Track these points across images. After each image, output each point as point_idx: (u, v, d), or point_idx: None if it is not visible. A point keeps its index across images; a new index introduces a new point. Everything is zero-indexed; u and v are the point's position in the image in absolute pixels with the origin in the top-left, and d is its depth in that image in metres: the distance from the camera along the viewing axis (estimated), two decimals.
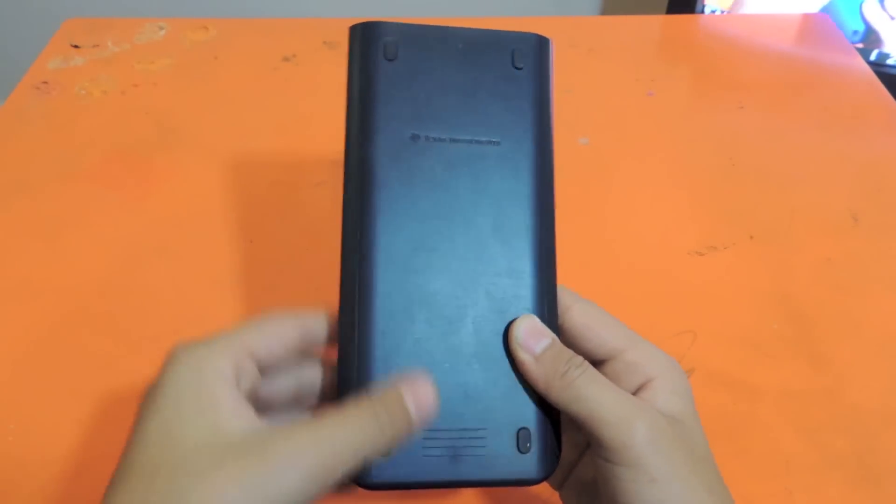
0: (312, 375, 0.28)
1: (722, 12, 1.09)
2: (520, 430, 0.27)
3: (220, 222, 0.50)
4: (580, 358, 0.26)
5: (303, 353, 0.28)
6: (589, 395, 0.25)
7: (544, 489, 0.31)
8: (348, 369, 0.26)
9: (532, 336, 0.26)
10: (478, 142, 0.28)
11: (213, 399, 0.23)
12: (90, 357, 0.42)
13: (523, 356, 0.26)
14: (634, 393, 0.26)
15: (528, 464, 0.27)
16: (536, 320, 0.27)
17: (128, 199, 0.52)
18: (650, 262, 0.48)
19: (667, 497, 0.24)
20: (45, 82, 0.61)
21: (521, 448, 0.26)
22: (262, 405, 0.26)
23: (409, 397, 0.24)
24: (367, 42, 0.28)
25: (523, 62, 0.29)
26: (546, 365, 0.26)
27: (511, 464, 0.26)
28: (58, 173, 0.53)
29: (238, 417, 0.23)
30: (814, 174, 0.55)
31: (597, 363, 0.28)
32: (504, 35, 0.29)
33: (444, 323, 0.27)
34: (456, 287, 0.27)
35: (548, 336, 0.27)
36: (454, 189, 0.28)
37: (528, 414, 0.27)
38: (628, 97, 0.62)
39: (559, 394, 0.26)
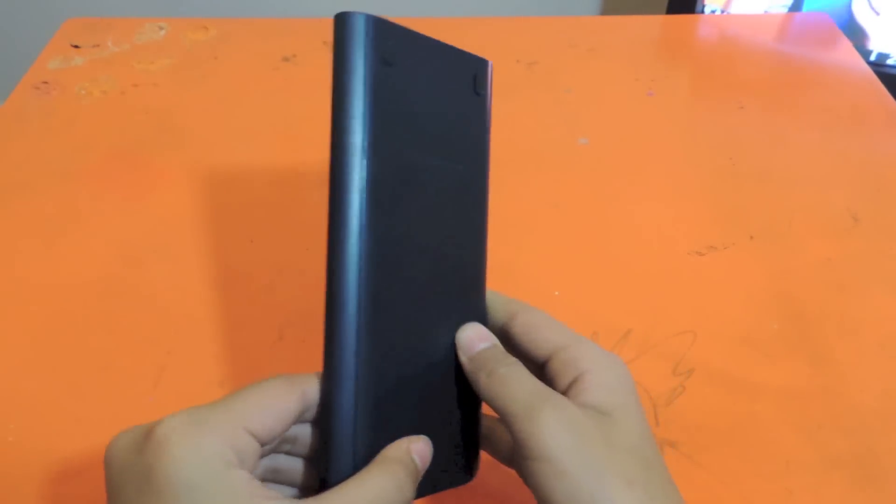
0: (302, 431, 0.27)
1: (722, 12, 1.10)
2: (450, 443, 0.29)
3: (220, 222, 0.50)
4: (514, 359, 0.27)
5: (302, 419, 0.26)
6: (504, 391, 0.26)
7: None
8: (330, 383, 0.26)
9: (476, 339, 0.28)
10: (450, 165, 0.28)
11: (232, 491, 0.22)
12: (90, 357, 0.42)
13: (461, 356, 0.28)
14: (567, 387, 0.27)
15: (459, 470, 0.29)
16: (480, 327, 0.29)
17: (128, 199, 0.52)
18: (650, 262, 0.48)
19: (577, 489, 0.24)
20: (45, 82, 0.61)
21: (457, 460, 0.29)
22: None
23: (414, 451, 0.25)
24: (369, 40, 0.25)
25: (481, 89, 0.30)
26: (477, 363, 0.27)
27: (446, 474, 0.28)
28: (58, 173, 0.53)
29: (265, 500, 0.22)
30: (814, 174, 0.55)
31: (541, 363, 0.29)
32: (466, 57, 0.29)
33: (408, 355, 0.27)
34: (423, 316, 0.28)
35: (489, 340, 0.28)
36: (434, 217, 0.28)
37: (455, 426, 0.29)
38: (628, 97, 0.62)
39: (482, 390, 0.27)
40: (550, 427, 0.24)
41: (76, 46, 0.65)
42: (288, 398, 0.25)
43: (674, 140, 0.58)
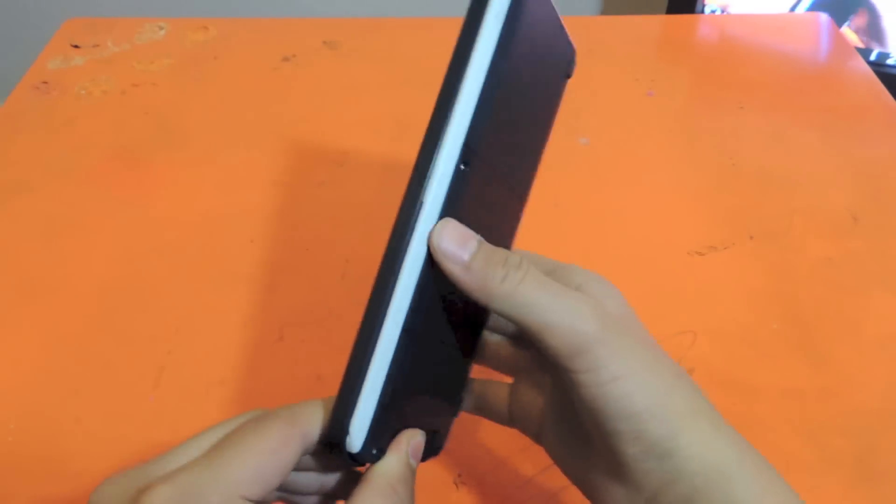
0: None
1: (722, 12, 1.10)
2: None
3: (219, 222, 0.50)
4: (516, 256, 0.24)
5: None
6: (536, 300, 0.23)
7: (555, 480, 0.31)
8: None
9: (456, 241, 0.23)
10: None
11: None
12: (90, 357, 0.42)
13: (451, 267, 0.23)
14: None
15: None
16: (454, 222, 0.23)
17: (128, 199, 0.52)
18: (650, 262, 0.48)
19: (634, 389, 0.23)
20: (45, 82, 0.61)
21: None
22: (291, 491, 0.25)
23: (412, 454, 0.24)
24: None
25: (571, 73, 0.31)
26: (479, 271, 0.23)
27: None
28: (58, 173, 0.53)
29: None
30: (814, 174, 0.55)
31: None
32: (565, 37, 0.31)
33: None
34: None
35: (472, 237, 0.24)
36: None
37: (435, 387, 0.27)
38: (628, 97, 0.62)
39: (503, 303, 0.23)
40: (599, 335, 0.23)
41: (76, 46, 0.65)
42: (287, 449, 0.22)
43: (674, 140, 0.58)
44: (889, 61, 1.08)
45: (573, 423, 0.26)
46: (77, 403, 0.40)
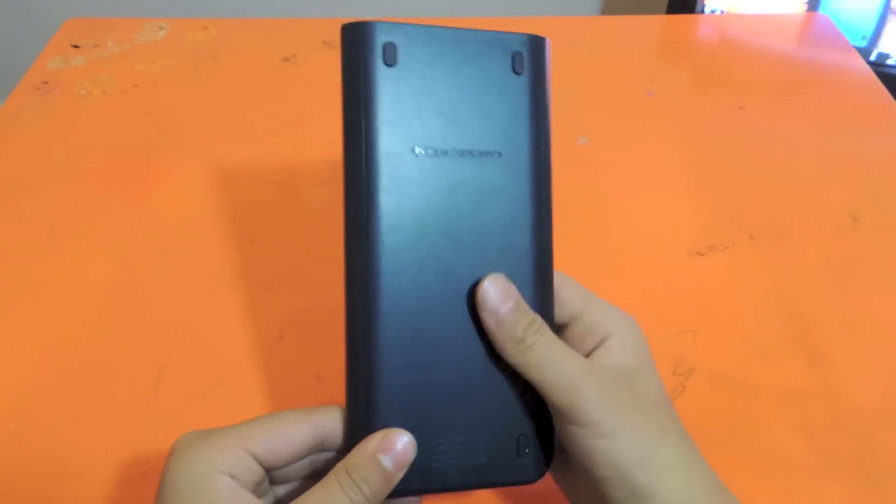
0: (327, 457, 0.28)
1: (722, 12, 1.10)
2: (519, 436, 0.28)
3: (220, 222, 0.50)
4: (539, 321, 0.27)
5: (319, 449, 0.28)
6: (541, 361, 0.26)
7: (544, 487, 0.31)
8: (354, 402, 0.27)
9: (499, 297, 0.27)
10: (479, 153, 0.28)
11: (205, 491, 0.24)
12: (90, 357, 0.42)
13: (485, 317, 0.27)
14: (592, 350, 0.29)
15: (526, 466, 0.28)
16: (504, 279, 0.27)
17: (128, 199, 0.52)
18: (650, 262, 0.48)
19: (618, 447, 0.26)
20: (45, 82, 0.61)
21: (520, 453, 0.28)
22: (279, 481, 0.28)
23: (384, 453, 0.25)
24: (364, 45, 0.27)
25: (522, 67, 0.29)
26: (506, 329, 0.27)
27: (511, 467, 0.28)
28: (58, 173, 0.53)
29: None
30: (814, 174, 0.55)
31: (561, 326, 0.30)
32: (502, 37, 0.29)
33: (447, 343, 0.27)
34: (461, 303, 0.27)
35: (512, 297, 0.27)
36: (456, 204, 0.27)
37: (525, 421, 0.28)
38: (628, 97, 0.62)
39: (514, 359, 0.27)
40: (594, 396, 0.26)
41: (76, 46, 0.65)
42: (297, 427, 0.26)
43: (674, 140, 0.58)
44: (889, 61, 1.08)
45: (564, 454, 0.29)
46: (77, 403, 0.40)
